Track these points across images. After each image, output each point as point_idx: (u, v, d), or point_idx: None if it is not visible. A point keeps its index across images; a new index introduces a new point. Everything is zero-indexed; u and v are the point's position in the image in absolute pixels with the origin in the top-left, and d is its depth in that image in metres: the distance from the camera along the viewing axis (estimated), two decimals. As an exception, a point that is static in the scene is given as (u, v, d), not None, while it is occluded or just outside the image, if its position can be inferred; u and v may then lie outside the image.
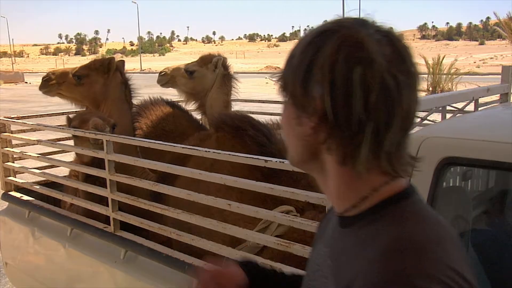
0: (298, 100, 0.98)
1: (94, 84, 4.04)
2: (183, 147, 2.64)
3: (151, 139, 3.44)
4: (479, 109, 3.08)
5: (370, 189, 0.99)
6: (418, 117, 2.61)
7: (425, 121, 2.65)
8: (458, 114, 2.86)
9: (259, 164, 2.26)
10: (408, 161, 1.00)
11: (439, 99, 2.56)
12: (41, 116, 4.56)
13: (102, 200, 3.28)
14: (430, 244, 0.91)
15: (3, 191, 4.12)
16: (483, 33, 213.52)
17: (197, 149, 2.55)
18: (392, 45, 0.94)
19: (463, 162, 1.86)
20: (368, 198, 0.99)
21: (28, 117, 4.33)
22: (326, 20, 0.99)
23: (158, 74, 4.73)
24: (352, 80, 0.90)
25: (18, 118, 4.10)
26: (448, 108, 2.85)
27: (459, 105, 2.91)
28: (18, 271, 4.07)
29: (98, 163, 3.22)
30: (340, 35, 0.93)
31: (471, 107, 3.00)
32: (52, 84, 4.07)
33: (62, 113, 4.45)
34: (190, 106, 4.68)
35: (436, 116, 2.64)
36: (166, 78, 4.58)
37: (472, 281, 0.90)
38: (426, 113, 2.61)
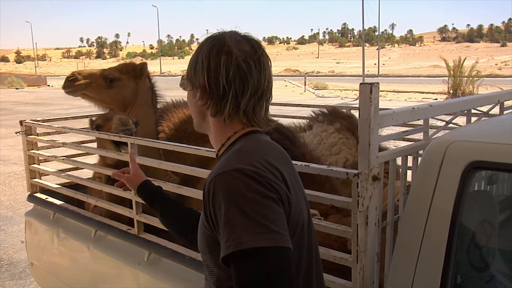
0: (192, 81, 1.53)
1: (125, 88, 4.05)
2: (208, 150, 2.65)
3: (173, 142, 3.46)
4: (505, 112, 3.05)
5: (232, 132, 1.52)
6: (443, 120, 2.60)
7: (450, 125, 2.63)
8: (484, 118, 2.83)
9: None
10: (263, 119, 1.53)
11: (464, 102, 2.53)
12: (66, 119, 4.61)
13: (123, 201, 3.31)
14: (256, 150, 1.43)
15: (29, 193, 4.18)
16: (505, 34, 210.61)
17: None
18: (249, 44, 1.50)
19: (490, 166, 1.85)
20: (230, 138, 1.53)
21: (53, 119, 4.39)
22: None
23: (180, 77, 4.75)
24: (219, 65, 1.44)
25: (44, 121, 4.16)
26: (473, 111, 2.82)
27: (484, 108, 2.88)
28: (43, 272, 4.12)
29: (122, 165, 3.25)
30: (214, 38, 1.50)
31: (496, 110, 2.97)
32: (79, 84, 4.02)
33: (86, 116, 4.49)
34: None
35: (461, 119, 2.61)
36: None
37: (285, 174, 1.40)
38: (451, 116, 2.59)
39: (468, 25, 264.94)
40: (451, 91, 25.72)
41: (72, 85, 4.03)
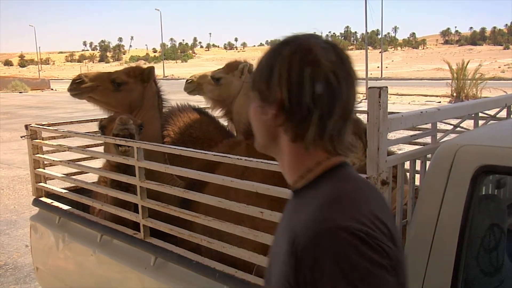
0: (263, 94, 1.26)
1: (133, 91, 4.04)
2: (214, 154, 2.65)
3: (178, 146, 3.46)
4: (512, 116, 3.04)
5: (315, 163, 1.26)
6: (451, 124, 2.60)
7: (458, 128, 2.62)
8: (491, 121, 2.82)
9: (292, 172, 2.25)
10: (347, 145, 1.26)
11: (472, 106, 2.53)
12: (71, 123, 4.62)
13: (127, 205, 3.31)
14: (357, 198, 1.20)
15: (34, 197, 4.18)
16: (507, 37, 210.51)
17: (229, 157, 2.55)
18: (336, 52, 1.22)
19: (500, 170, 1.84)
20: (312, 170, 1.26)
21: (58, 124, 4.39)
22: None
23: (185, 81, 4.75)
24: (303, 77, 1.18)
25: (49, 125, 4.16)
26: (480, 115, 2.81)
27: (491, 111, 2.87)
28: (48, 276, 4.12)
29: (124, 167, 3.27)
30: (295, 43, 1.23)
31: (503, 113, 2.96)
32: (85, 87, 4.00)
33: (91, 120, 4.50)
34: (217, 113, 4.69)
35: (468, 123, 2.61)
36: (193, 86, 4.60)
37: (391, 228, 1.17)
38: (459, 120, 2.58)
39: (471, 28, 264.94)
40: (454, 94, 25.69)
41: (79, 87, 4.01)
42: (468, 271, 1.83)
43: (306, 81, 1.18)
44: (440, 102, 25.12)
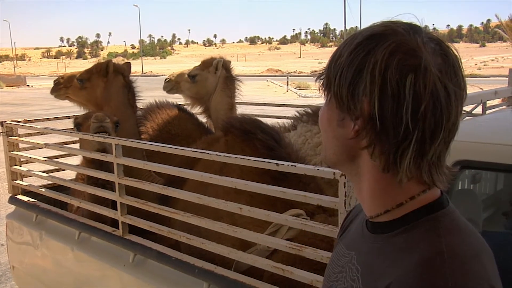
0: (343, 102, 0.97)
1: (95, 87, 4.07)
2: (193, 151, 2.64)
3: (157, 143, 3.45)
4: (487, 112, 3.09)
5: (407, 197, 0.99)
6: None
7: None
8: (467, 117, 2.86)
9: (271, 168, 2.26)
10: (446, 173, 0.99)
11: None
12: (48, 119, 4.56)
13: (105, 202, 3.29)
14: (469, 258, 0.91)
15: (10, 195, 4.12)
16: (484, 35, 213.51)
17: (208, 153, 2.55)
18: (444, 55, 0.94)
19: (477, 165, 1.87)
20: (404, 205, 0.99)
21: (35, 120, 4.34)
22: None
23: (164, 80, 4.75)
24: (404, 87, 0.89)
25: (25, 121, 4.11)
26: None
27: (467, 107, 2.92)
28: (25, 275, 4.07)
29: (99, 162, 3.26)
30: (394, 40, 0.93)
31: (478, 109, 3.01)
32: (60, 88, 4.15)
33: (69, 117, 4.45)
34: (196, 110, 4.69)
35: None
36: (171, 84, 4.61)
37: None
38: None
39: (448, 25, 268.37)
40: (432, 91, 26.00)
41: (57, 89, 4.18)
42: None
43: (407, 92, 0.90)
44: (417, 99, 25.35)
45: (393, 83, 0.90)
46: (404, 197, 0.99)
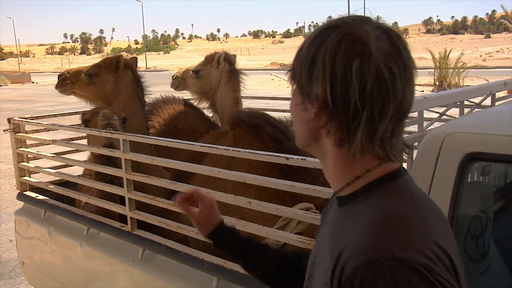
0: (304, 88, 1.08)
1: (105, 82, 4.06)
2: (201, 145, 2.64)
3: (164, 137, 3.45)
4: (496, 103, 3.07)
5: (364, 170, 1.09)
6: (437, 112, 2.61)
7: (444, 116, 2.64)
8: (476, 109, 2.84)
9: (280, 161, 2.25)
10: (401, 148, 1.10)
11: (458, 94, 2.55)
12: (54, 116, 4.58)
13: (113, 197, 3.30)
14: (415, 219, 1.01)
15: (19, 191, 4.13)
16: (488, 26, 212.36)
17: (217, 147, 2.54)
18: (390, 40, 1.04)
19: (488, 158, 1.85)
20: (361, 178, 1.09)
21: (42, 117, 4.34)
22: (330, 16, 1.12)
23: (171, 77, 4.77)
24: (351, 71, 1.00)
25: (32, 118, 4.11)
26: (465, 103, 2.83)
27: (476, 99, 2.90)
28: (34, 271, 4.09)
29: (106, 157, 3.27)
30: (342, 30, 1.04)
31: (487, 101, 2.99)
32: (67, 83, 4.12)
33: (75, 113, 4.46)
34: (203, 105, 4.70)
35: (451, 111, 2.62)
36: (178, 82, 4.65)
37: (453, 257, 0.99)
38: (445, 108, 2.60)
39: (453, 17, 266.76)
40: (437, 83, 25.87)
41: (63, 84, 4.15)
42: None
43: (353, 75, 1.00)
44: (423, 91, 25.26)
45: (341, 68, 1.00)
46: (361, 170, 1.09)
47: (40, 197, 3.93)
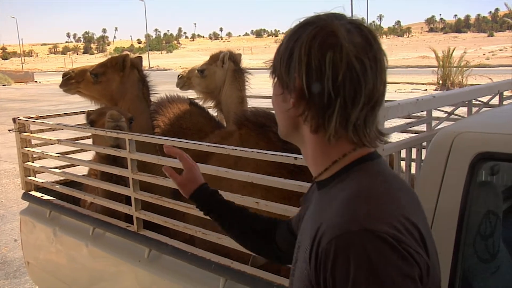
0: (283, 80, 1.18)
1: (111, 82, 4.05)
2: (208, 145, 2.62)
3: (168, 137, 3.43)
4: (504, 102, 3.05)
5: (340, 155, 1.18)
6: (445, 111, 2.60)
7: (452, 115, 2.62)
8: (484, 108, 2.82)
9: (288, 161, 2.23)
10: (375, 135, 1.18)
11: (466, 93, 2.53)
12: (59, 115, 4.57)
13: (119, 198, 3.28)
14: (386, 195, 1.11)
15: (24, 191, 4.13)
16: (492, 24, 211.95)
17: (224, 147, 2.53)
18: (361, 34, 1.12)
19: (498, 157, 1.84)
20: (338, 162, 1.19)
21: (46, 116, 4.33)
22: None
23: (177, 76, 4.77)
24: (324, 62, 1.09)
25: (37, 118, 4.10)
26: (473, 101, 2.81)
27: (484, 98, 2.88)
28: (39, 270, 4.08)
29: (113, 158, 3.24)
30: (317, 25, 1.13)
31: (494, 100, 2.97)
32: (71, 82, 4.10)
33: (79, 112, 4.45)
34: (208, 105, 4.69)
35: (458, 110, 2.61)
36: (183, 81, 4.64)
37: (423, 231, 1.08)
38: (451, 107, 2.58)
39: (456, 15, 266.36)
40: (440, 82, 25.82)
41: (68, 83, 4.13)
42: (467, 258, 1.84)
43: (326, 67, 1.09)
44: (426, 89, 25.22)
45: (315, 60, 1.09)
46: (338, 155, 1.19)
47: (46, 197, 3.92)
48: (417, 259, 1.02)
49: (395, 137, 2.87)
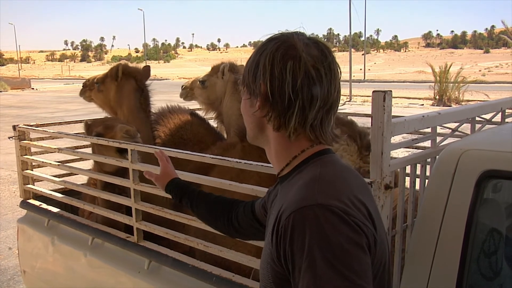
0: (250, 87, 1.37)
1: (109, 91, 4.10)
2: (212, 157, 2.61)
3: (169, 148, 3.42)
4: (506, 120, 3.05)
5: (299, 151, 1.37)
6: (449, 128, 2.60)
7: (456, 132, 2.62)
8: (487, 125, 2.83)
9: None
10: (331, 135, 1.37)
11: (471, 110, 2.53)
12: (60, 123, 4.55)
13: (120, 208, 3.26)
14: (337, 178, 1.30)
15: (22, 199, 4.10)
16: (488, 41, 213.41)
17: (228, 160, 2.52)
18: (318, 48, 1.32)
19: (505, 175, 1.84)
20: (297, 157, 1.37)
21: (46, 124, 4.32)
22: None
23: (181, 87, 4.79)
24: (285, 71, 1.28)
25: (38, 125, 4.08)
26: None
27: (487, 115, 2.89)
28: (36, 280, 4.03)
29: (122, 171, 3.19)
30: (279, 40, 1.33)
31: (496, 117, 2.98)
32: (86, 90, 4.29)
33: (80, 121, 4.43)
34: (210, 116, 4.69)
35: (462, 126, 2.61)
36: (186, 92, 4.66)
37: (371, 209, 1.25)
38: (457, 124, 2.58)
39: (452, 31, 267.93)
40: (437, 97, 25.94)
41: (84, 91, 4.34)
42: (472, 275, 1.83)
43: (287, 74, 1.27)
44: (423, 104, 25.35)
45: (278, 69, 1.29)
46: (297, 151, 1.37)
47: (44, 205, 3.89)
48: (364, 230, 1.17)
49: (398, 153, 2.87)
